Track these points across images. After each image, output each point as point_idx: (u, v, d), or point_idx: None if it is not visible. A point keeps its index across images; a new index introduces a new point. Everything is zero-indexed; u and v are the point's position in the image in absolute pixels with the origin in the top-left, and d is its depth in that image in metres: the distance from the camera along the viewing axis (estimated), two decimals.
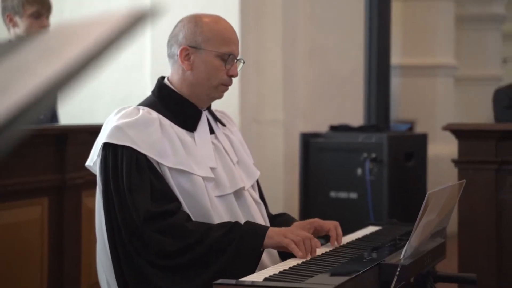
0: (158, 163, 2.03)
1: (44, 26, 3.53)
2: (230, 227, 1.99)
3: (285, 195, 4.63)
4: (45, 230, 2.94)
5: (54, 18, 3.58)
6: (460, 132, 3.26)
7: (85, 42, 0.63)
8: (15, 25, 3.49)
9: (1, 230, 2.73)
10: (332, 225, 2.18)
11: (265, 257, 2.09)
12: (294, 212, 4.18)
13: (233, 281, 1.73)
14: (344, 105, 5.22)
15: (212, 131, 2.21)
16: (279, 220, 2.35)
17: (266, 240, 1.98)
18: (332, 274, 1.81)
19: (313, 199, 4.22)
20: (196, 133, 2.15)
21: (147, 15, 0.63)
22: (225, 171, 2.16)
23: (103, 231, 2.03)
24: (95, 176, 2.16)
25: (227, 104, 2.30)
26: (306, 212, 4.11)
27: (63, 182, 2.98)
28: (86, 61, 0.62)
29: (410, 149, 4.29)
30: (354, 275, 1.76)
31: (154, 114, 2.08)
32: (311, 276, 1.75)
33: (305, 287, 1.67)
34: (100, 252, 2.08)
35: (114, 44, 0.63)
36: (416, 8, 7.47)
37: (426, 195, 1.88)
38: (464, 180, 2.26)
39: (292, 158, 4.71)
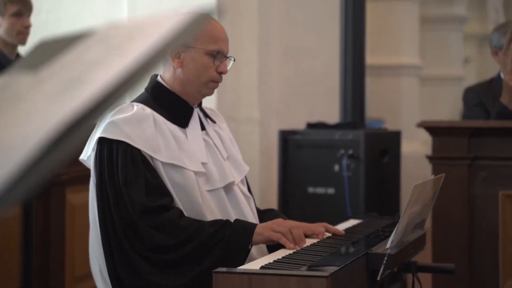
0: (151, 157, 2.09)
1: (26, 25, 3.56)
2: (221, 225, 2.06)
3: (262, 192, 4.72)
4: (31, 225, 2.98)
5: (32, 18, 3.61)
6: (434, 129, 3.38)
7: (150, 39, 0.70)
8: None
9: None
10: (321, 230, 2.26)
11: (253, 249, 2.16)
12: (273, 207, 4.25)
13: (231, 270, 1.81)
14: (318, 103, 5.32)
15: (203, 128, 2.28)
16: (269, 215, 2.41)
17: (255, 237, 2.06)
18: (324, 263, 1.88)
19: (291, 194, 4.31)
20: (188, 129, 2.22)
21: (207, 15, 0.70)
22: (216, 166, 2.23)
23: (97, 224, 2.08)
24: (79, 172, 2.21)
25: (204, 101, 2.37)
26: (284, 207, 4.19)
27: None
28: (152, 57, 0.69)
29: (385, 145, 4.41)
30: (345, 264, 1.84)
31: (148, 110, 2.14)
32: (304, 265, 1.83)
33: (304, 274, 1.74)
34: (94, 244, 2.13)
35: (176, 42, 0.69)
36: (381, 9, 7.59)
37: (412, 188, 1.97)
38: (444, 174, 2.36)
39: (268, 155, 4.80)
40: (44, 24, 4.68)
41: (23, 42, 3.59)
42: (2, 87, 0.77)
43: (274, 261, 1.89)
